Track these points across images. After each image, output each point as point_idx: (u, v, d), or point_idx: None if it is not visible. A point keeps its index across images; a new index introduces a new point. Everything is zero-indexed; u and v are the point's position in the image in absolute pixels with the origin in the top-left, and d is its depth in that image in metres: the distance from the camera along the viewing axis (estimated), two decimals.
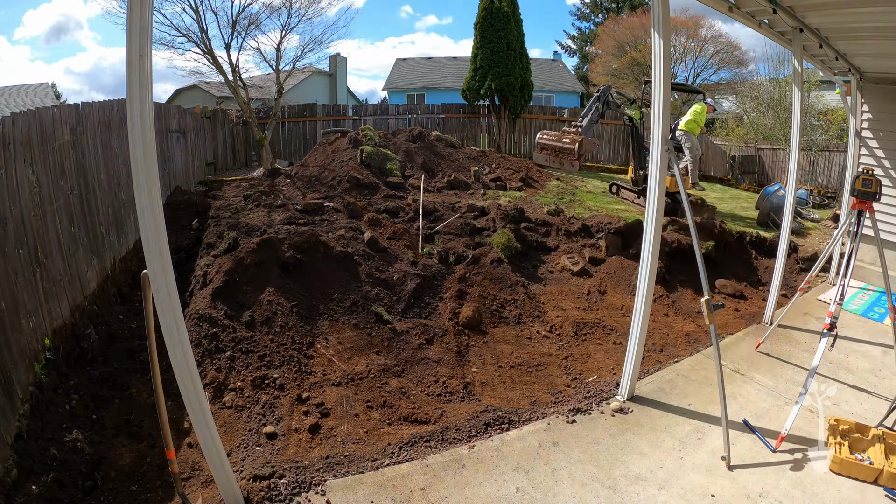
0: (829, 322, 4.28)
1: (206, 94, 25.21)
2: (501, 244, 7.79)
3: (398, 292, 6.59)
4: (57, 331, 4.79)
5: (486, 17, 19.27)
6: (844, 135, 14.32)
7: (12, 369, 3.81)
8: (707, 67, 30.00)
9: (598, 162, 20.55)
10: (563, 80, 33.59)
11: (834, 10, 5.25)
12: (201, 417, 2.99)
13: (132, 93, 2.55)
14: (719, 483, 3.67)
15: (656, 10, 3.96)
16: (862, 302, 7.36)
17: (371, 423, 4.53)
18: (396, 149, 13.20)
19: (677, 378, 5.13)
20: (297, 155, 18.48)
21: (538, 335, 6.29)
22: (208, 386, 4.63)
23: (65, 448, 3.85)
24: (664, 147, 4.13)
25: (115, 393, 4.70)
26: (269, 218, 7.54)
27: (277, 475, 3.64)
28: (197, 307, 5.37)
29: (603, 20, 40.62)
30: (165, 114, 12.03)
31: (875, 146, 8.22)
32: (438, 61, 34.48)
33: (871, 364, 5.59)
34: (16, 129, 4.36)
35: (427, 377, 5.25)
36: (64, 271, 5.14)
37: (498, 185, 12.80)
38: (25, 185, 4.45)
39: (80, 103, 6.17)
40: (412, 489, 3.51)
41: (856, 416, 4.48)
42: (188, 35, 15.27)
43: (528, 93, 20.15)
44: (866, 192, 4.63)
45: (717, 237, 8.63)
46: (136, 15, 2.49)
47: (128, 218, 7.59)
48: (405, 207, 9.93)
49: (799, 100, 6.19)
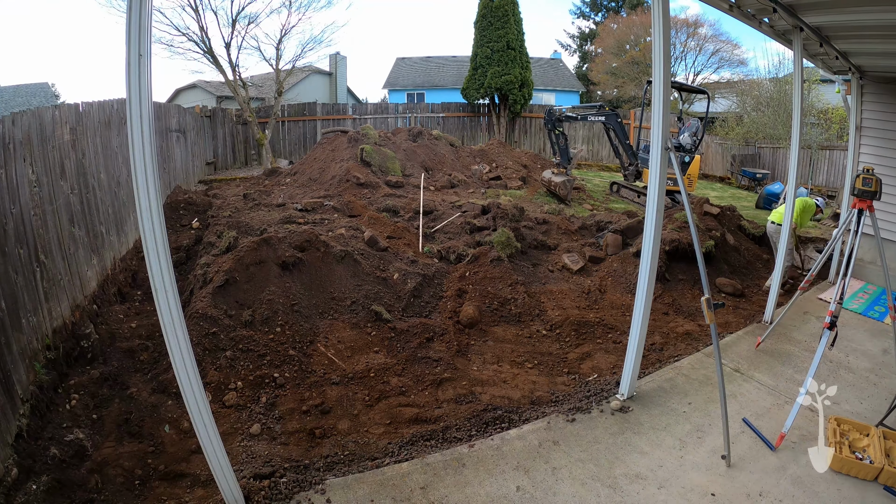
0: (829, 321, 4.28)
1: (205, 94, 25.16)
2: (501, 243, 7.78)
3: (398, 291, 6.59)
4: (57, 330, 4.79)
5: (486, 15, 19.28)
6: (845, 133, 14.30)
7: (12, 369, 3.81)
8: (707, 66, 29.98)
9: (599, 161, 20.56)
10: (563, 79, 33.53)
11: (834, 9, 5.24)
12: (201, 417, 2.99)
13: (132, 92, 2.55)
14: (719, 482, 3.67)
15: (656, 8, 3.95)
16: (862, 301, 7.36)
17: (371, 422, 4.53)
18: (396, 148, 13.20)
19: (677, 377, 5.13)
20: (297, 154, 18.49)
21: (538, 334, 6.28)
22: (209, 385, 4.64)
23: (65, 447, 3.85)
24: (664, 146, 4.13)
25: (115, 392, 4.69)
26: (269, 217, 7.54)
27: (278, 474, 3.64)
28: (197, 306, 5.37)
29: (603, 19, 40.57)
30: (165, 113, 12.02)
31: (875, 145, 8.22)
32: (438, 60, 34.42)
33: (871, 363, 5.59)
34: (16, 128, 4.35)
35: (427, 376, 5.25)
36: (64, 271, 5.13)
37: (498, 184, 12.80)
38: (25, 184, 4.44)
39: (79, 102, 6.16)
40: (412, 488, 3.51)
41: (856, 416, 4.49)
42: (188, 34, 15.31)
43: (528, 91, 20.15)
44: (867, 190, 4.63)
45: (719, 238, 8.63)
46: (136, 14, 2.49)
47: (128, 217, 7.58)
48: (405, 206, 9.94)
49: (799, 99, 6.19)
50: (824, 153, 15.90)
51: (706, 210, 9.61)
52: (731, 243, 8.95)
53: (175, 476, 3.83)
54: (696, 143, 13.10)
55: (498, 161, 14.61)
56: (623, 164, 13.42)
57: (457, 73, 29.40)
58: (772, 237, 8.26)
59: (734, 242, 9.06)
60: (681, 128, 13.97)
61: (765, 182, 16.12)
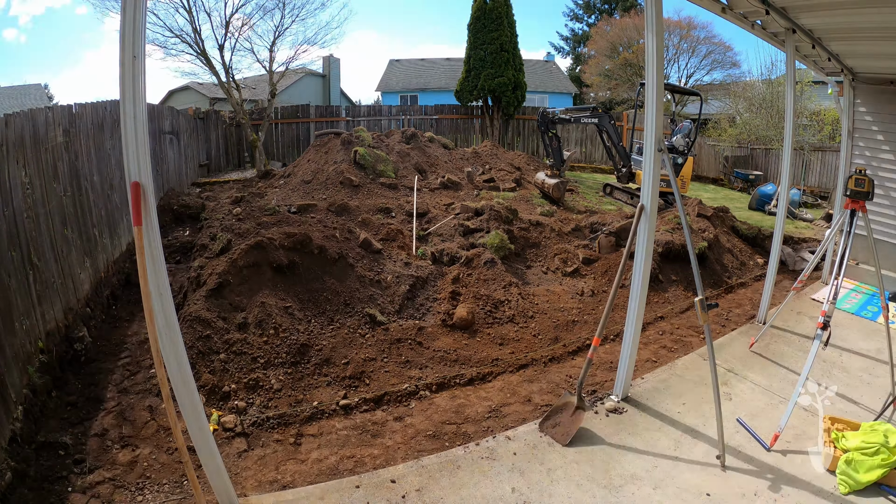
0: (822, 321, 4.30)
1: (199, 95, 25.11)
2: (495, 245, 7.79)
3: (392, 293, 6.59)
4: (50, 333, 4.76)
5: (480, 18, 19.29)
6: (837, 135, 14.39)
7: (6, 372, 3.78)
8: (700, 68, 30.11)
9: (592, 163, 20.61)
10: (556, 81, 33.64)
11: (826, 11, 5.28)
12: (195, 420, 2.98)
13: (125, 94, 2.54)
14: (714, 482, 3.69)
15: (650, 10, 3.97)
16: (855, 301, 7.41)
17: (366, 424, 4.52)
18: (390, 150, 13.19)
19: (671, 378, 5.15)
20: (291, 156, 18.44)
21: (532, 336, 6.29)
22: (202, 388, 4.61)
23: (59, 451, 3.83)
24: (657, 148, 4.14)
25: (109, 395, 4.67)
26: (263, 219, 7.52)
27: (276, 476, 3.63)
28: (191, 309, 5.35)
29: (596, 21, 40.71)
30: (158, 115, 11.97)
31: (868, 146, 8.28)
32: (432, 62, 34.46)
33: (865, 362, 5.63)
34: (9, 130, 4.32)
35: (421, 378, 5.25)
36: (57, 273, 5.10)
37: (491, 186, 12.80)
38: (18, 186, 4.41)
39: (73, 104, 6.13)
40: (407, 490, 3.50)
41: (850, 415, 4.51)
42: (181, 36, 15.27)
43: (522, 94, 20.17)
44: (859, 191, 4.66)
45: (712, 239, 8.67)
46: (130, 16, 2.48)
47: (121, 220, 7.55)
48: (399, 208, 9.93)
49: (791, 101, 6.22)
50: (817, 154, 16.00)
51: (699, 211, 9.65)
52: (724, 244, 9.00)
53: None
54: (689, 144, 13.16)
55: (491, 163, 14.60)
56: (616, 166, 13.50)
57: (450, 76, 29.42)
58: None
59: (727, 243, 9.11)
60: (673, 129, 14.05)
61: (758, 183, 16.20)
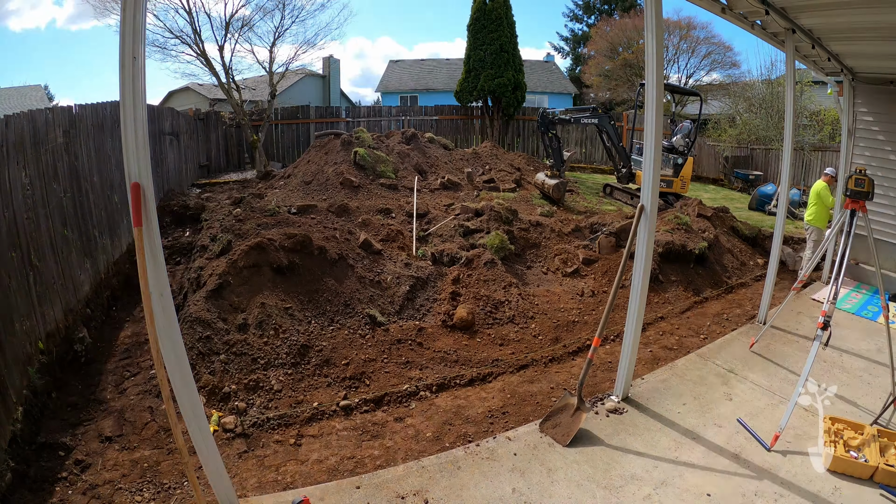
0: (822, 321, 4.30)
1: (198, 96, 25.11)
2: (495, 246, 7.79)
3: (392, 294, 6.58)
4: (50, 334, 4.76)
5: (479, 18, 19.29)
6: (837, 135, 14.38)
7: (6, 373, 3.78)
8: (699, 68, 30.09)
9: (592, 163, 20.60)
10: (556, 82, 33.61)
11: (826, 11, 5.28)
12: (196, 421, 2.97)
13: (125, 95, 2.54)
14: (715, 482, 3.68)
15: (649, 11, 3.97)
16: (855, 301, 7.40)
17: (366, 424, 4.52)
18: (390, 151, 13.19)
19: (671, 378, 5.15)
20: (291, 157, 18.43)
21: (532, 336, 6.29)
22: (202, 389, 4.61)
23: (60, 452, 3.83)
24: (658, 148, 4.14)
25: (109, 396, 4.67)
26: (263, 220, 7.51)
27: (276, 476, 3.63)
28: (191, 310, 5.35)
29: (595, 21, 40.66)
30: (158, 116, 11.97)
31: (868, 146, 8.27)
32: (431, 63, 34.45)
33: (865, 362, 5.62)
34: (9, 131, 4.32)
35: (422, 379, 5.24)
36: (57, 274, 5.10)
37: (491, 187, 12.80)
38: (18, 187, 4.41)
39: (73, 105, 6.13)
40: (408, 491, 3.50)
41: (850, 415, 4.51)
42: (181, 37, 15.28)
43: (521, 94, 20.17)
44: (859, 191, 4.65)
45: (712, 239, 8.67)
46: (129, 16, 2.48)
47: (121, 221, 7.55)
48: (399, 209, 9.93)
49: (791, 101, 6.22)
50: (817, 154, 15.98)
51: (699, 211, 9.65)
52: (724, 245, 9.00)
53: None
54: (689, 144, 13.16)
55: (491, 164, 14.60)
56: (616, 167, 13.53)
57: (450, 76, 29.39)
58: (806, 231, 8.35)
59: (727, 244, 9.10)
60: (673, 130, 14.05)
61: (757, 183, 16.20)
